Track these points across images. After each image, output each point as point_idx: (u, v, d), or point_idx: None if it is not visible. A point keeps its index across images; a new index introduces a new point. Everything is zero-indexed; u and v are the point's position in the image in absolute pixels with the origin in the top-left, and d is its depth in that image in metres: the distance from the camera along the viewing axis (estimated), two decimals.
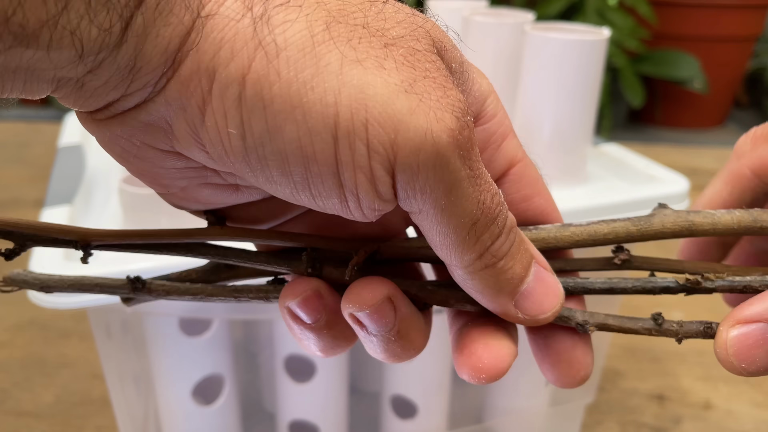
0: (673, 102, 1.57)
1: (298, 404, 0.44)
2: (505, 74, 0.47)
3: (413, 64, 0.16)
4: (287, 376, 0.43)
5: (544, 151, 0.42)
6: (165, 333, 0.38)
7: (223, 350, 0.40)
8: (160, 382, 0.40)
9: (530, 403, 0.50)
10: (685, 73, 1.38)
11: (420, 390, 0.45)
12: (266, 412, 0.52)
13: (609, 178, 0.45)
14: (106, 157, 0.47)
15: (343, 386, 0.44)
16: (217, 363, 0.40)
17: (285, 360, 0.42)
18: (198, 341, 0.39)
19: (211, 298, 0.22)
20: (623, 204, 0.40)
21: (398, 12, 0.17)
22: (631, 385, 0.59)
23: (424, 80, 0.16)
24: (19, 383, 0.58)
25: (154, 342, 0.38)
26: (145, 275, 0.22)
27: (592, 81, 0.41)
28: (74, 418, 0.54)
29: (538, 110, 0.41)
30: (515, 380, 0.49)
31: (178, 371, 0.39)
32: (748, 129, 0.27)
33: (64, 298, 0.30)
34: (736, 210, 0.22)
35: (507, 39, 0.47)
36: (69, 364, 0.61)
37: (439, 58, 0.17)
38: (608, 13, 1.34)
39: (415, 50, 0.17)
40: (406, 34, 0.17)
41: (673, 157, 1.17)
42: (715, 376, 0.61)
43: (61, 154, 0.46)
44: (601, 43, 0.40)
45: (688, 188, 0.42)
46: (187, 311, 0.35)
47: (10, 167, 1.09)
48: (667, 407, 0.57)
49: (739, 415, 0.56)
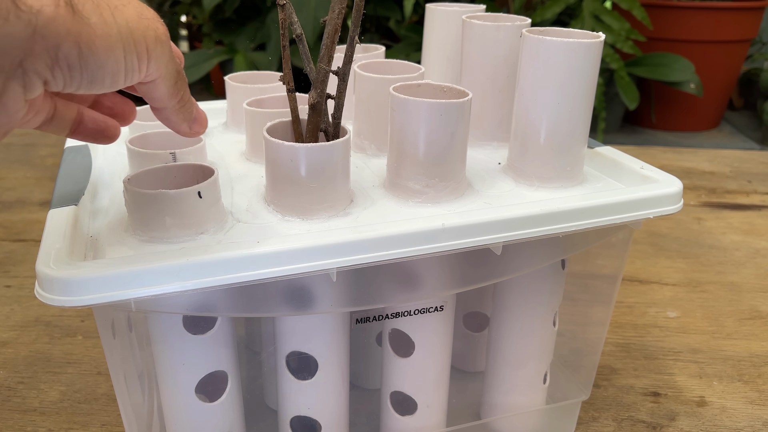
0: (667, 104, 1.58)
1: (299, 401, 0.44)
2: (502, 77, 0.48)
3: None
4: (289, 373, 0.44)
5: (541, 152, 0.43)
6: (169, 331, 0.39)
7: (227, 348, 0.41)
8: (164, 379, 0.41)
9: (527, 400, 0.51)
10: (680, 75, 1.39)
11: (419, 387, 0.46)
12: (268, 408, 0.53)
13: (604, 179, 0.46)
14: (112, 158, 0.48)
15: (343, 383, 0.45)
16: (220, 360, 0.41)
17: (287, 357, 0.43)
18: (202, 339, 0.39)
19: None
20: (619, 205, 0.40)
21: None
22: (626, 382, 0.60)
23: (145, 10, 0.29)
24: (24, 381, 0.59)
25: (158, 340, 0.39)
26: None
27: (588, 83, 0.41)
28: (79, 415, 0.55)
29: (534, 112, 0.42)
30: (513, 378, 0.50)
31: (182, 368, 0.40)
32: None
33: (68, 297, 0.31)
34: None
35: (505, 42, 0.47)
36: (74, 361, 0.62)
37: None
38: (604, 17, 1.34)
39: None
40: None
41: (668, 159, 1.18)
42: (709, 373, 0.61)
43: (67, 154, 0.47)
44: (596, 45, 0.41)
45: (682, 189, 0.42)
46: (191, 309, 0.36)
47: (16, 168, 1.10)
48: (662, 404, 0.57)
49: (733, 412, 0.56)
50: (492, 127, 0.50)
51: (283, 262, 0.33)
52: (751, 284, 0.77)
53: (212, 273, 0.32)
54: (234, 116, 0.53)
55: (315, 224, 0.38)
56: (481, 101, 0.49)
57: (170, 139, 0.45)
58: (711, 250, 0.85)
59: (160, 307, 0.35)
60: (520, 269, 0.43)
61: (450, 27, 0.54)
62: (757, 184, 1.08)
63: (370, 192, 0.42)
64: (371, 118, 0.47)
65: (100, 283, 0.31)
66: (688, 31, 1.47)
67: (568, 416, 0.54)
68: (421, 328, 0.44)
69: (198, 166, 0.39)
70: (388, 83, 0.45)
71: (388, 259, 0.35)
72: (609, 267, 0.49)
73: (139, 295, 0.31)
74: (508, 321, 0.48)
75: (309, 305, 0.38)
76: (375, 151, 0.48)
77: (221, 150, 0.49)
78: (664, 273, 0.79)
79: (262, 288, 0.37)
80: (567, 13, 1.45)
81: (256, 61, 1.47)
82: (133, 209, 0.36)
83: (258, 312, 0.38)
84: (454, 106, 0.38)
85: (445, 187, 0.41)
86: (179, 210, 0.35)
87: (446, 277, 0.41)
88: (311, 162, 0.37)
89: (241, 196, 0.41)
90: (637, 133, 1.61)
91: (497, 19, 0.50)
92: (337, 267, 0.34)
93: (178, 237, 0.35)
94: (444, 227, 0.36)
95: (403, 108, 0.39)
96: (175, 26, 1.77)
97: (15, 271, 0.77)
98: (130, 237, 0.36)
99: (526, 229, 0.38)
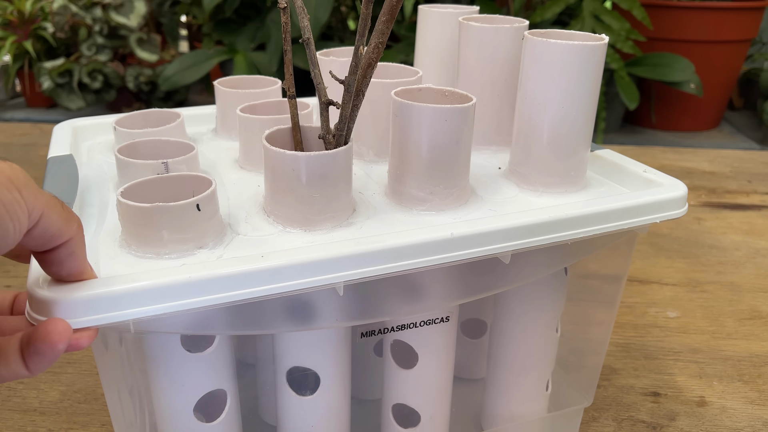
0: (667, 104, 1.58)
1: (300, 416, 0.43)
2: (501, 80, 0.47)
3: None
4: (289, 389, 0.42)
5: (545, 157, 0.42)
6: (166, 349, 0.37)
7: (226, 365, 0.39)
8: (160, 399, 0.39)
9: (530, 409, 0.50)
10: (680, 75, 1.39)
11: (423, 399, 0.45)
12: (268, 425, 0.51)
13: (608, 183, 0.45)
14: (98, 167, 0.46)
15: (345, 397, 0.44)
16: (219, 379, 0.39)
17: (287, 373, 0.42)
18: (200, 357, 0.38)
19: None
20: (627, 210, 0.40)
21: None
22: (626, 383, 0.60)
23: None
24: (24, 381, 0.59)
25: (154, 359, 0.37)
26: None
27: (593, 86, 0.41)
28: (79, 415, 0.55)
29: (538, 116, 0.41)
30: (515, 387, 0.49)
31: (179, 388, 0.38)
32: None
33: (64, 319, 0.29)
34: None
35: (503, 44, 0.46)
36: (74, 361, 0.61)
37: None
38: (604, 17, 1.35)
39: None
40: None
41: (668, 159, 1.19)
42: (709, 373, 0.61)
43: (51, 164, 0.45)
44: (600, 48, 0.40)
45: (687, 193, 0.42)
46: (191, 328, 0.34)
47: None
48: (662, 404, 0.57)
49: (733, 412, 0.56)
50: (490, 131, 0.49)
51: (290, 276, 0.32)
52: (751, 284, 0.77)
53: (216, 290, 0.31)
54: (224, 122, 0.52)
55: (318, 236, 0.36)
56: (479, 105, 0.48)
57: (160, 147, 0.43)
58: (711, 250, 0.85)
59: (158, 327, 0.33)
60: (527, 277, 0.42)
61: (444, 29, 0.53)
62: (757, 184, 1.08)
63: (371, 200, 0.41)
64: (369, 123, 0.46)
65: (97, 304, 0.29)
66: (688, 31, 1.48)
67: (571, 423, 0.53)
68: (426, 339, 0.43)
69: (193, 177, 0.37)
70: (386, 87, 0.44)
71: (398, 271, 0.34)
72: (613, 269, 0.49)
73: (139, 316, 0.30)
74: (511, 329, 0.48)
75: (314, 320, 0.37)
76: (373, 157, 0.46)
77: (213, 158, 0.48)
78: (664, 273, 0.79)
79: (264, 304, 0.35)
80: (567, 13, 1.45)
81: (256, 61, 1.44)
82: (128, 223, 0.34)
83: (261, 329, 0.36)
84: (459, 111, 0.37)
85: (449, 195, 0.39)
86: (177, 224, 0.33)
87: (454, 288, 0.39)
88: (313, 171, 0.35)
89: (239, 207, 0.39)
90: (637, 133, 1.61)
91: (494, 21, 0.49)
92: (345, 281, 0.33)
93: (176, 252, 0.34)
94: (453, 237, 0.35)
95: (407, 114, 0.38)
96: (175, 26, 1.74)
97: (15, 271, 0.77)
98: (124, 253, 0.34)
99: (536, 237, 0.37)
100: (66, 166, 0.44)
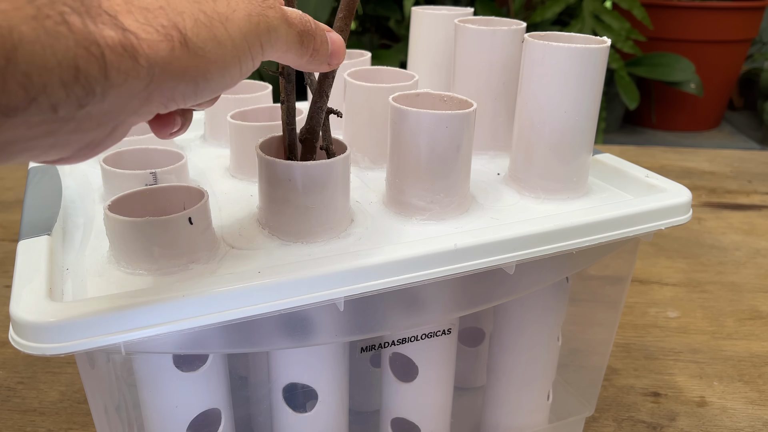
0: (667, 104, 1.58)
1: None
2: (498, 83, 0.46)
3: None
4: (286, 406, 0.41)
5: (546, 163, 0.41)
6: (158, 369, 0.35)
7: (220, 384, 0.38)
8: (152, 420, 0.37)
9: (531, 420, 0.49)
10: (680, 75, 1.39)
11: (423, 412, 0.44)
12: None
13: (610, 189, 0.44)
14: (82, 177, 0.44)
15: (343, 412, 0.42)
16: (213, 398, 0.38)
17: (284, 390, 0.40)
18: (193, 376, 0.36)
19: None
20: (632, 217, 0.38)
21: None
22: (626, 383, 0.59)
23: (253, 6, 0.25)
24: (24, 381, 0.57)
25: (146, 379, 0.36)
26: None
27: (595, 90, 0.39)
28: (79, 415, 0.54)
29: (539, 121, 0.40)
30: (515, 398, 0.48)
31: (172, 408, 0.36)
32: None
33: (50, 344, 0.27)
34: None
35: (500, 47, 0.45)
36: (74, 361, 0.60)
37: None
38: (604, 17, 1.34)
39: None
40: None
41: (668, 159, 1.18)
42: (709, 373, 0.61)
43: (32, 175, 0.43)
44: (602, 50, 0.39)
45: (691, 198, 0.41)
46: (184, 347, 0.33)
47: (16, 168, 1.06)
48: (663, 404, 0.57)
49: (734, 412, 0.56)
50: (487, 136, 0.48)
51: (289, 293, 0.30)
52: (751, 284, 0.77)
53: (212, 309, 0.29)
54: (213, 129, 0.50)
55: (316, 248, 0.35)
56: (477, 109, 0.46)
57: (148, 156, 0.41)
58: (711, 250, 0.85)
59: (150, 347, 0.32)
60: (531, 287, 0.41)
61: (438, 31, 0.52)
62: (757, 184, 1.08)
63: (369, 209, 0.39)
64: (364, 129, 0.44)
65: (86, 327, 0.27)
66: (688, 31, 1.48)
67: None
68: (427, 352, 0.42)
69: (184, 188, 0.35)
70: (382, 92, 0.43)
71: (401, 284, 0.33)
72: (616, 272, 0.48)
73: (131, 338, 0.28)
74: (511, 338, 0.46)
75: (312, 336, 0.35)
76: (369, 164, 0.45)
77: (202, 166, 0.46)
78: (664, 273, 0.79)
79: (261, 320, 0.33)
80: (567, 13, 1.44)
81: None
82: (116, 238, 0.32)
83: (257, 346, 0.35)
84: (460, 117, 0.36)
85: (450, 203, 0.38)
86: (168, 238, 0.32)
87: (457, 299, 0.38)
88: (310, 181, 0.34)
89: (232, 218, 0.38)
90: (637, 133, 1.61)
91: (491, 23, 0.48)
92: (345, 296, 0.32)
93: (167, 268, 0.32)
94: (457, 248, 0.34)
95: (406, 120, 0.36)
96: None
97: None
98: (113, 269, 0.32)
99: (541, 246, 0.36)
100: (48, 176, 0.42)
